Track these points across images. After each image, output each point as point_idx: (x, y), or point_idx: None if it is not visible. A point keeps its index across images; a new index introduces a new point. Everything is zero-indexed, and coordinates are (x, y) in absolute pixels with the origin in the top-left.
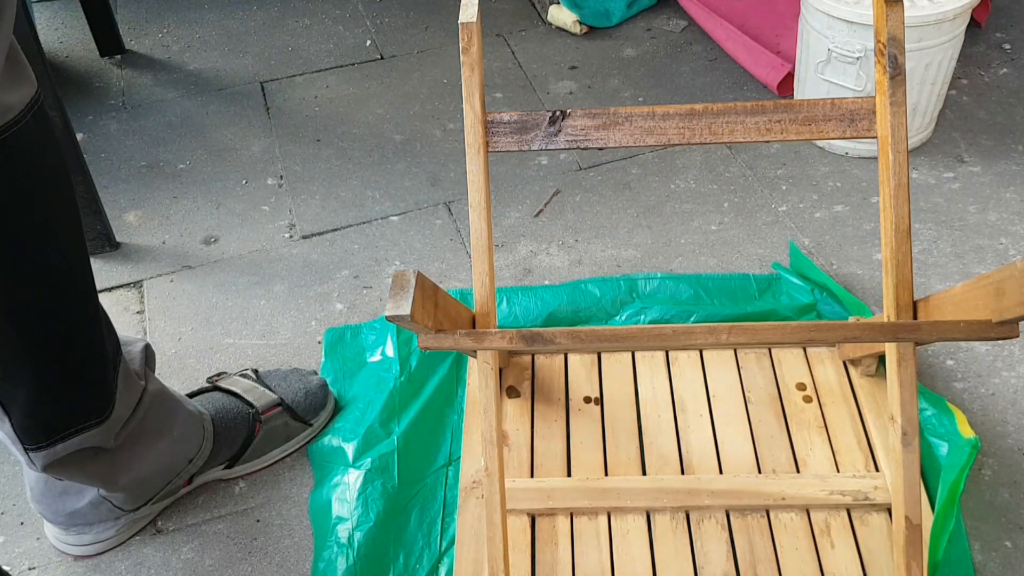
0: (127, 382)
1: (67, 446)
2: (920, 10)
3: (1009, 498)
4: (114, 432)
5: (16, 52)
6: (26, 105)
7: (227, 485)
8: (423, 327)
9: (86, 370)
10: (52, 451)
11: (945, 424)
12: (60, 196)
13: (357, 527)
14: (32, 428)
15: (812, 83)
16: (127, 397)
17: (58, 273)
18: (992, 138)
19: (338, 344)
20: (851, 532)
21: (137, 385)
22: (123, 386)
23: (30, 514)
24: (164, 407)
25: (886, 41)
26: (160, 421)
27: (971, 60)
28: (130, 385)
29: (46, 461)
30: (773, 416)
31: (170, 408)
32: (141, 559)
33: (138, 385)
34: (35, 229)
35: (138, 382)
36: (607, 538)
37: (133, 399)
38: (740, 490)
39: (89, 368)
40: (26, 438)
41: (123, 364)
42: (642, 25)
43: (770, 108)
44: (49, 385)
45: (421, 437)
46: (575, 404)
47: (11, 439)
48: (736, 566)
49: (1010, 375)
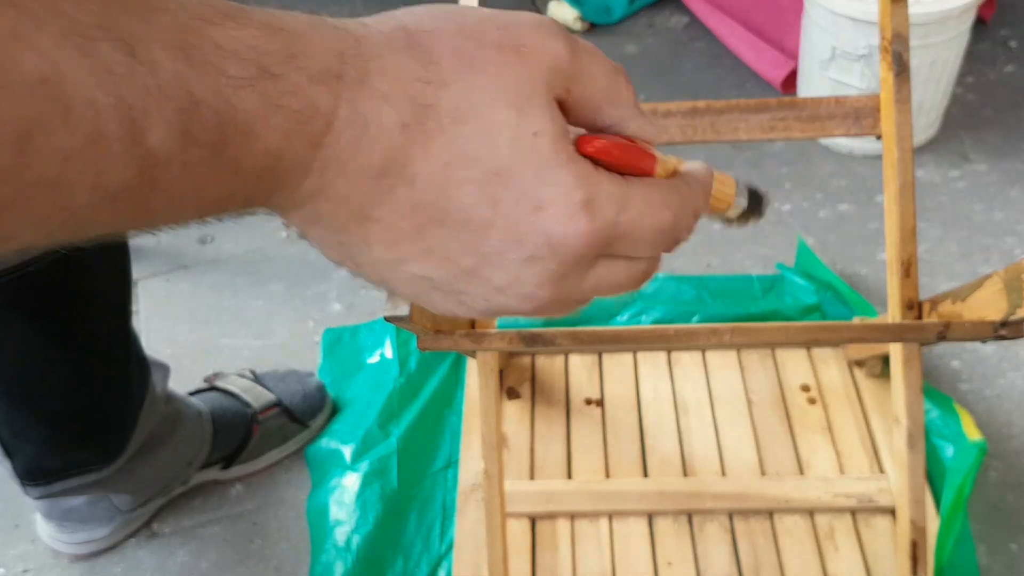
0: (148, 415)
1: (66, 484)
2: (925, 7)
3: (1015, 501)
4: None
5: None
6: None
7: (223, 487)
8: (422, 328)
9: (103, 431)
10: (49, 489)
11: (951, 426)
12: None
13: (355, 530)
14: (33, 472)
15: (816, 80)
16: (142, 433)
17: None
18: (998, 136)
19: (336, 345)
20: (855, 535)
21: (157, 413)
22: (143, 424)
23: (24, 516)
24: (170, 421)
25: (891, 38)
26: (164, 433)
27: (977, 57)
28: (150, 417)
29: (41, 495)
30: (776, 418)
31: (175, 420)
32: (136, 562)
33: (158, 413)
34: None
35: (159, 410)
36: (608, 541)
37: (148, 429)
38: (743, 493)
39: (106, 428)
40: (26, 479)
41: (148, 398)
42: (644, 21)
43: (774, 106)
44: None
45: (420, 439)
46: (576, 405)
47: (9, 475)
48: (739, 569)
49: (1017, 376)
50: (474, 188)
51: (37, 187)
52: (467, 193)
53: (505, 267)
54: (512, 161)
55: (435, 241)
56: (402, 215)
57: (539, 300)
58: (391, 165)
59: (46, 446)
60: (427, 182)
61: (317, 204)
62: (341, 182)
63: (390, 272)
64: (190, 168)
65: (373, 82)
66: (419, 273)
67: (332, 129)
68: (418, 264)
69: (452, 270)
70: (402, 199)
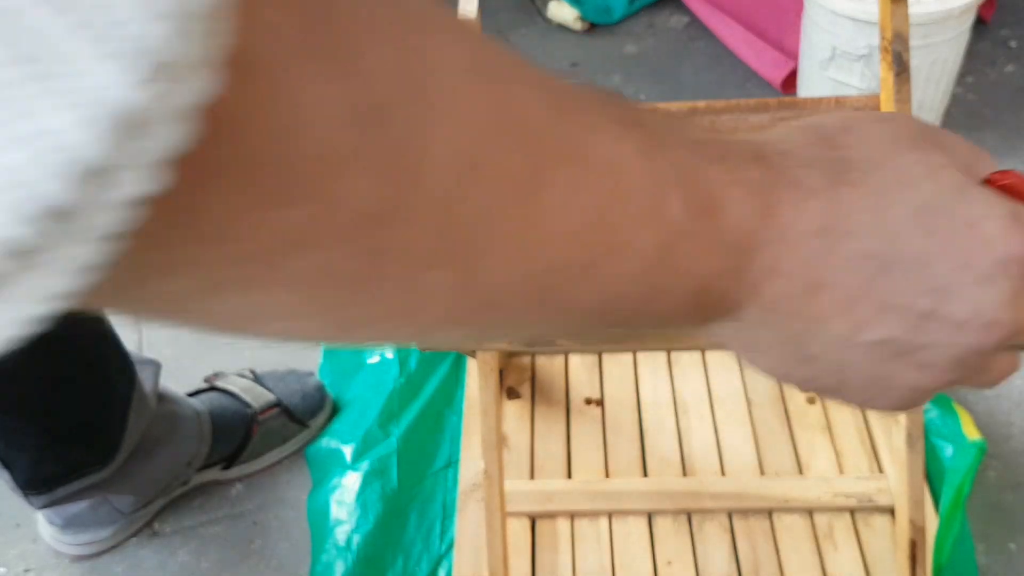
0: (138, 414)
1: (67, 489)
2: (926, 7)
3: (1014, 500)
4: (117, 467)
5: None
6: None
7: (224, 487)
8: None
9: (93, 431)
10: (52, 496)
11: (950, 425)
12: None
13: (355, 530)
14: (33, 481)
15: (816, 80)
16: (135, 432)
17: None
18: (998, 136)
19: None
20: (855, 535)
21: (148, 411)
22: (133, 422)
23: (26, 516)
24: (167, 420)
25: (891, 38)
26: (162, 433)
27: (977, 57)
28: (141, 415)
29: (44, 503)
30: (776, 417)
31: (172, 420)
32: (138, 561)
33: (149, 411)
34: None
35: (150, 407)
36: (608, 541)
37: (141, 427)
38: (742, 492)
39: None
40: (27, 488)
41: (135, 396)
42: (644, 21)
43: (774, 106)
44: (52, 449)
45: (420, 439)
46: (576, 405)
47: (11, 487)
48: (738, 569)
49: (1016, 376)
50: (909, 224)
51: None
52: (905, 230)
53: (962, 295)
54: (933, 192)
55: (887, 291)
56: (852, 270)
57: (1003, 326)
58: (828, 220)
59: (40, 452)
60: (866, 228)
61: (772, 283)
62: (788, 250)
63: (848, 352)
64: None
65: (793, 155)
66: (877, 338)
67: (774, 193)
68: (875, 327)
69: (910, 320)
70: (849, 253)
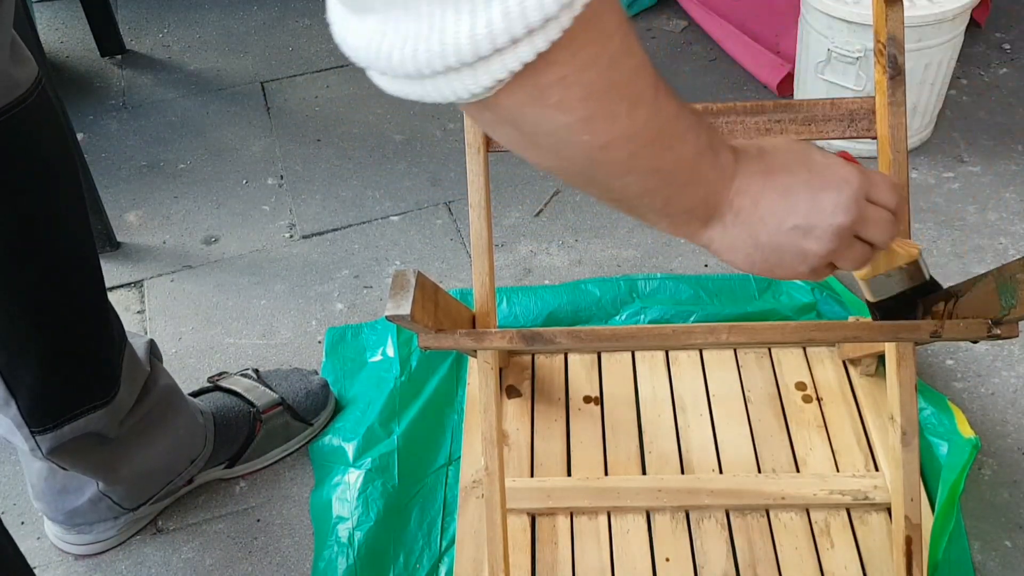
0: (132, 367)
1: (73, 428)
2: (920, 10)
3: (1009, 497)
4: (119, 418)
5: (14, 36)
6: (32, 83)
7: (228, 484)
8: (423, 327)
9: (92, 351)
10: (58, 434)
11: (945, 423)
12: (67, 176)
13: (357, 527)
14: (38, 411)
15: (812, 83)
16: (131, 383)
17: (67, 252)
18: (992, 138)
19: (339, 344)
20: (851, 532)
21: (142, 372)
22: (128, 371)
23: (31, 514)
24: (170, 402)
25: (886, 41)
26: (164, 415)
27: (971, 60)
28: (135, 371)
29: (52, 444)
30: (773, 416)
31: (176, 404)
32: (142, 558)
33: (143, 372)
34: (44, 207)
35: (143, 368)
36: (607, 537)
37: (138, 385)
38: (740, 490)
39: (95, 349)
40: (32, 421)
41: (128, 350)
42: (642, 25)
43: (770, 108)
44: (56, 366)
45: (421, 437)
46: (575, 404)
47: (17, 424)
48: (736, 565)
49: (1010, 375)
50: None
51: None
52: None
53: (829, 197)
54: (811, 156)
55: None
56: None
57: (850, 212)
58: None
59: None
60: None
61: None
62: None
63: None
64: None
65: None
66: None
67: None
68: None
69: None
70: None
